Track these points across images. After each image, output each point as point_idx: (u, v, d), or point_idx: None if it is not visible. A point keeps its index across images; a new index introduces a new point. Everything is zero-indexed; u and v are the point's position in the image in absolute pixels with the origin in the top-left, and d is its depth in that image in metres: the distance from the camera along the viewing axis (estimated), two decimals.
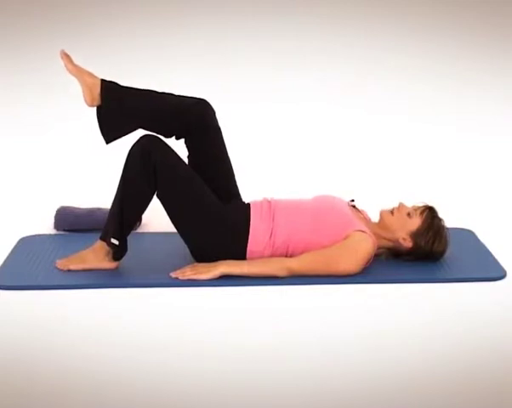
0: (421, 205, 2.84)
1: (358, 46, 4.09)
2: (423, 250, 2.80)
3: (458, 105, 4.09)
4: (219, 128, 2.88)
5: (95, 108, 2.78)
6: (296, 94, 4.07)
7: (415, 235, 2.79)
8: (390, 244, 2.84)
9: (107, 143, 2.82)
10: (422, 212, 2.80)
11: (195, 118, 2.82)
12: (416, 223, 2.79)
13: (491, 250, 2.98)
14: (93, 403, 2.11)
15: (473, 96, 4.09)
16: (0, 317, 2.53)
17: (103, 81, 2.77)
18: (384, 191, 3.54)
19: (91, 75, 2.77)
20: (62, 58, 2.75)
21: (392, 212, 2.83)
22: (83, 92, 2.77)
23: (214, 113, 2.88)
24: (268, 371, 2.24)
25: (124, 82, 2.83)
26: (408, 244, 2.81)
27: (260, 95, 4.06)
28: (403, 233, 2.80)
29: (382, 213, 2.85)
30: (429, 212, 2.80)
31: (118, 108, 2.76)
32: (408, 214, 2.80)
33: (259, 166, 3.73)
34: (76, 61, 2.78)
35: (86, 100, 2.78)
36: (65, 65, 2.76)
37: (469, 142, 3.96)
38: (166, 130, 2.84)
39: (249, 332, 2.45)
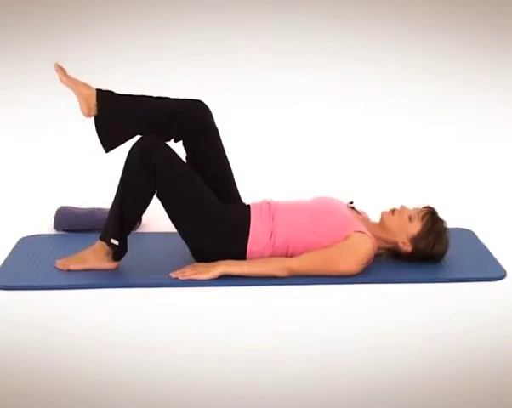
0: (423, 207, 2.83)
1: (358, 46, 4.09)
2: (422, 253, 2.80)
3: (458, 105, 4.09)
4: (217, 129, 2.88)
5: (93, 118, 2.79)
6: (296, 94, 4.07)
7: (415, 240, 2.78)
8: (390, 245, 2.84)
9: (107, 152, 2.82)
10: (423, 217, 2.78)
11: (192, 119, 2.83)
12: (416, 227, 2.78)
13: (491, 250, 2.98)
14: (93, 403, 2.11)
15: (473, 96, 4.09)
16: (0, 317, 2.53)
17: (98, 90, 2.78)
18: (384, 191, 3.54)
19: (86, 85, 2.78)
20: (57, 71, 2.77)
21: (393, 213, 2.82)
22: (80, 103, 2.78)
23: (211, 114, 2.88)
24: (268, 371, 2.24)
25: (124, 81, 2.83)
26: (408, 248, 2.80)
27: (260, 95, 4.06)
28: (403, 237, 2.79)
29: (383, 214, 2.84)
30: (430, 217, 2.78)
31: (115, 116, 2.77)
32: (409, 218, 2.79)
33: (259, 167, 3.73)
34: (76, 61, 2.78)
35: (83, 111, 2.79)
36: (60, 78, 2.77)
37: (469, 142, 3.96)
38: (164, 133, 2.83)
39: (249, 332, 2.45)
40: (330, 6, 4.07)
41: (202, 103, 2.88)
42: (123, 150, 2.80)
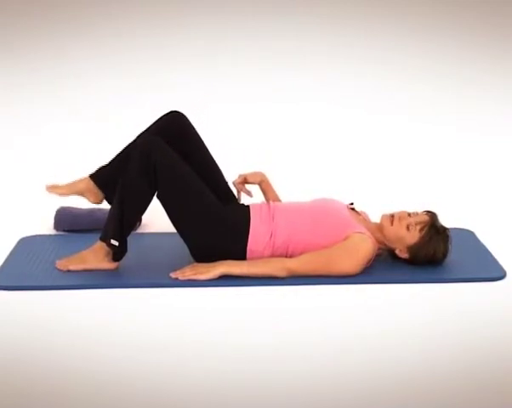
0: (423, 214, 2.80)
1: (358, 46, 4.09)
2: (420, 261, 2.79)
3: (458, 105, 4.09)
4: (197, 133, 2.94)
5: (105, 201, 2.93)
6: (296, 94, 4.07)
7: (412, 249, 2.77)
8: (388, 248, 2.84)
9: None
10: (421, 229, 2.75)
11: (174, 133, 2.88)
12: (414, 238, 2.75)
13: (491, 250, 2.98)
14: (93, 403, 2.11)
15: (473, 96, 4.09)
16: (0, 317, 2.53)
17: (91, 176, 2.95)
18: (385, 191, 3.54)
19: (80, 181, 2.97)
20: (51, 192, 2.95)
21: (392, 221, 2.79)
22: (86, 198, 2.96)
23: (189, 120, 2.93)
24: (268, 371, 2.24)
25: (125, 81, 2.83)
26: (404, 255, 2.79)
27: (260, 95, 4.06)
28: (400, 245, 2.79)
29: (382, 219, 2.82)
30: (429, 230, 2.75)
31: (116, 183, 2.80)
32: (407, 227, 2.76)
33: (259, 168, 3.73)
34: (76, 61, 2.78)
35: (92, 201, 2.95)
36: (60, 195, 2.97)
37: (469, 142, 3.96)
38: None
39: (249, 332, 2.45)
40: (330, 6, 4.07)
41: (177, 112, 2.94)
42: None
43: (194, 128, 2.94)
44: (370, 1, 4.09)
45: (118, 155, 2.95)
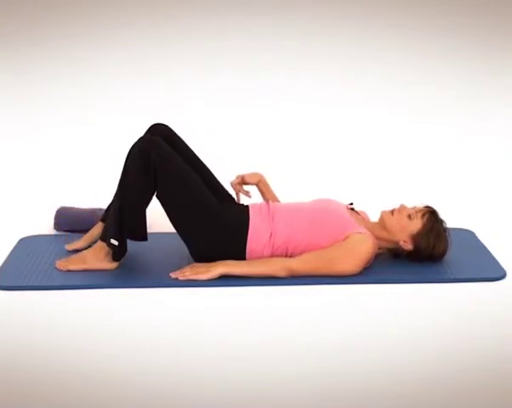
0: (422, 207, 2.83)
1: (358, 46, 4.09)
2: (423, 253, 2.80)
3: (459, 105, 4.09)
4: (182, 139, 2.93)
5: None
6: (296, 94, 4.07)
7: (415, 238, 2.78)
8: (390, 245, 2.84)
9: (146, 239, 2.80)
10: (423, 216, 2.79)
11: (164, 139, 2.85)
12: (416, 225, 2.78)
13: (491, 250, 2.98)
14: (93, 403, 2.11)
15: (473, 96, 4.08)
16: (0, 317, 2.53)
17: (102, 220, 2.92)
18: (384, 191, 3.54)
19: (94, 229, 2.93)
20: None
21: (392, 213, 2.82)
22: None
23: (170, 128, 2.92)
24: (268, 370, 2.24)
25: (125, 80, 2.82)
26: (409, 246, 2.80)
27: (259, 95, 4.06)
28: (404, 235, 2.79)
29: (382, 214, 2.84)
30: (430, 216, 2.79)
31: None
32: (409, 216, 2.79)
33: (258, 168, 3.73)
34: (76, 62, 2.77)
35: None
36: (81, 248, 2.90)
37: (470, 142, 3.96)
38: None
39: (249, 332, 2.45)
40: (330, 6, 4.07)
41: (161, 124, 2.93)
42: (123, 149, 2.80)
43: (180, 137, 2.94)
44: (370, 1, 4.09)
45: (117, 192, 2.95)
